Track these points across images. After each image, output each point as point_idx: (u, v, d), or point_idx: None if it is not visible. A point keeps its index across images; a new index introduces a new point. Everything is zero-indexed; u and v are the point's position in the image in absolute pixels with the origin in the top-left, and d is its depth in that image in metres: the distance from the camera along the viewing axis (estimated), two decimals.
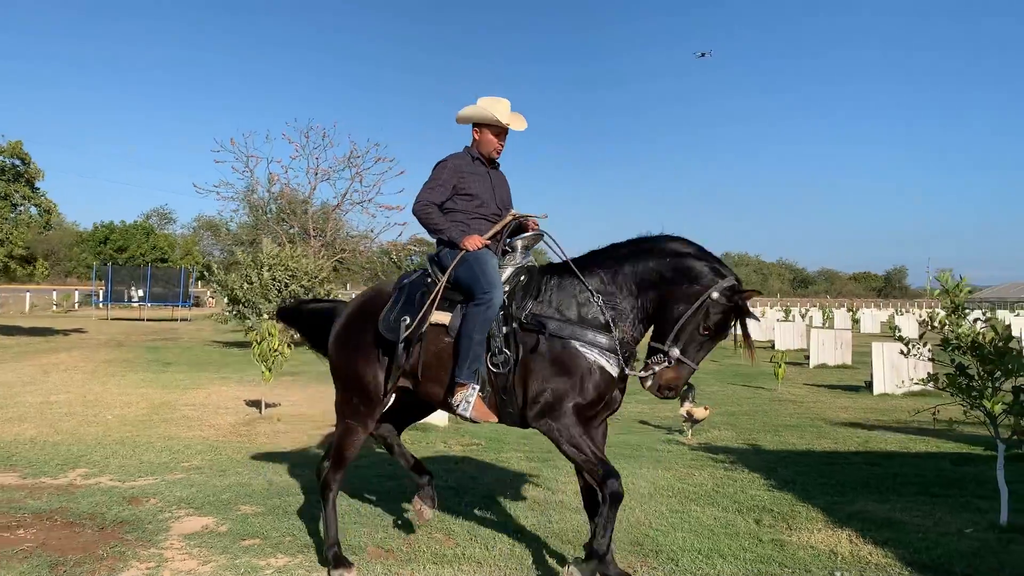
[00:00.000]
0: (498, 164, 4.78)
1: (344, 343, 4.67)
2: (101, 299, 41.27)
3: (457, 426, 9.05)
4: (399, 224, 31.97)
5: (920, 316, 43.26)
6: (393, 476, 6.66)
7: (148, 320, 35.07)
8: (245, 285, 19.28)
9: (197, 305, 46.38)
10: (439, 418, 9.15)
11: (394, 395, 4.81)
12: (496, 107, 4.56)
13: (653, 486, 6.49)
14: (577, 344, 4.07)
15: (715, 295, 4.00)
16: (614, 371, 4.10)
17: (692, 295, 4.03)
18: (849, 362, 18.14)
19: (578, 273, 4.28)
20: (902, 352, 6.13)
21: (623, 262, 4.26)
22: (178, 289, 40.05)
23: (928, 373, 5.68)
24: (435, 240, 4.63)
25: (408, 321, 4.30)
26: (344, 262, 30.36)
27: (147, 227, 70.02)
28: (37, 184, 22.25)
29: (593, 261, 4.35)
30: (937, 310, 5.74)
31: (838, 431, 9.45)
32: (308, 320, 5.36)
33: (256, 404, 10.73)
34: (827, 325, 37.72)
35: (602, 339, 4.09)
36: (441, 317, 4.32)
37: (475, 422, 4.23)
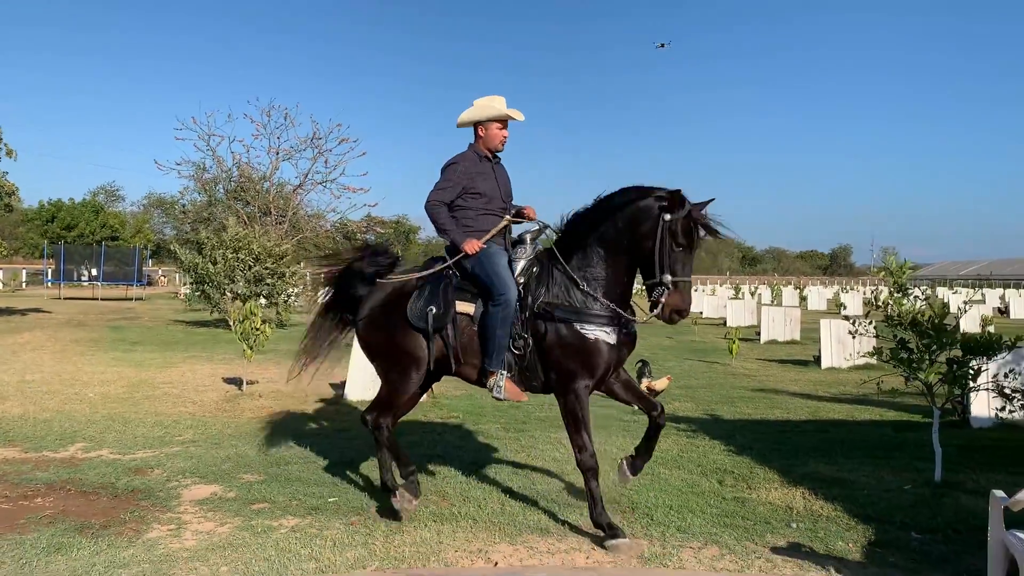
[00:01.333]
0: (499, 158, 5.23)
1: (379, 323, 5.09)
2: (51, 278, 40.66)
3: (434, 400, 9.50)
4: (369, 205, 32.14)
5: (865, 294, 44.77)
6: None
7: (102, 299, 34.70)
8: (210, 266, 19.39)
9: (150, 284, 45.89)
10: None
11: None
12: (495, 103, 5.03)
13: (624, 453, 7.01)
14: (579, 326, 4.63)
15: (667, 218, 4.56)
16: (613, 339, 4.71)
17: (651, 230, 4.60)
18: (798, 338, 18.96)
19: (563, 263, 4.86)
20: (850, 332, 6.70)
21: (588, 234, 4.84)
22: (131, 268, 39.67)
23: (873, 347, 6.26)
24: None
25: (435, 311, 4.78)
26: (303, 242, 30.52)
27: (96, 205, 68.75)
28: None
29: (571, 241, 4.91)
30: (881, 287, 6.32)
31: (789, 401, 10.11)
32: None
33: (234, 381, 11.04)
34: (775, 303, 38.85)
35: (598, 316, 4.67)
36: (466, 307, 4.82)
37: (501, 400, 4.78)
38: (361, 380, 9.60)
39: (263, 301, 19.43)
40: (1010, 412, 5.92)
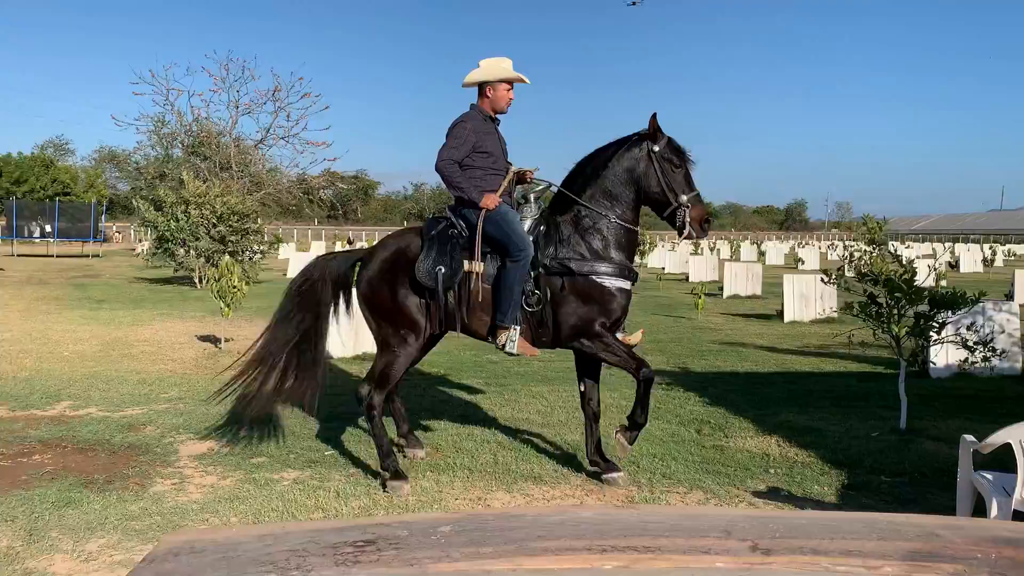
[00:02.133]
0: (499, 120, 5.33)
1: (382, 284, 5.10)
2: (2, 235, 39.72)
3: None
4: (329, 160, 31.85)
5: (821, 248, 45.43)
6: None
7: (58, 256, 34.09)
8: (172, 224, 19.18)
9: (106, 241, 45.06)
10: None
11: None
12: (504, 64, 5.13)
13: (604, 405, 7.22)
14: (595, 277, 4.84)
15: (656, 149, 5.00)
16: (628, 285, 5.02)
17: (647, 167, 5.02)
18: (759, 292, 19.40)
19: (571, 220, 5.08)
20: (823, 280, 6.96)
21: (590, 191, 5.08)
22: (85, 224, 38.90)
23: (846, 303, 6.54)
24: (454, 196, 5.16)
25: (444, 271, 4.87)
26: (264, 199, 30.21)
27: (46, 159, 66.97)
28: None
29: (574, 200, 5.11)
30: (858, 244, 6.58)
31: (757, 354, 10.47)
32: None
33: (209, 339, 11.09)
34: (734, 258, 39.52)
35: (613, 264, 4.94)
36: (475, 266, 4.94)
37: (519, 355, 4.96)
38: (338, 336, 9.71)
39: (227, 259, 19.32)
40: (971, 363, 6.25)
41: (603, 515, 2.35)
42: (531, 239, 4.99)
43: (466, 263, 4.96)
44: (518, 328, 4.93)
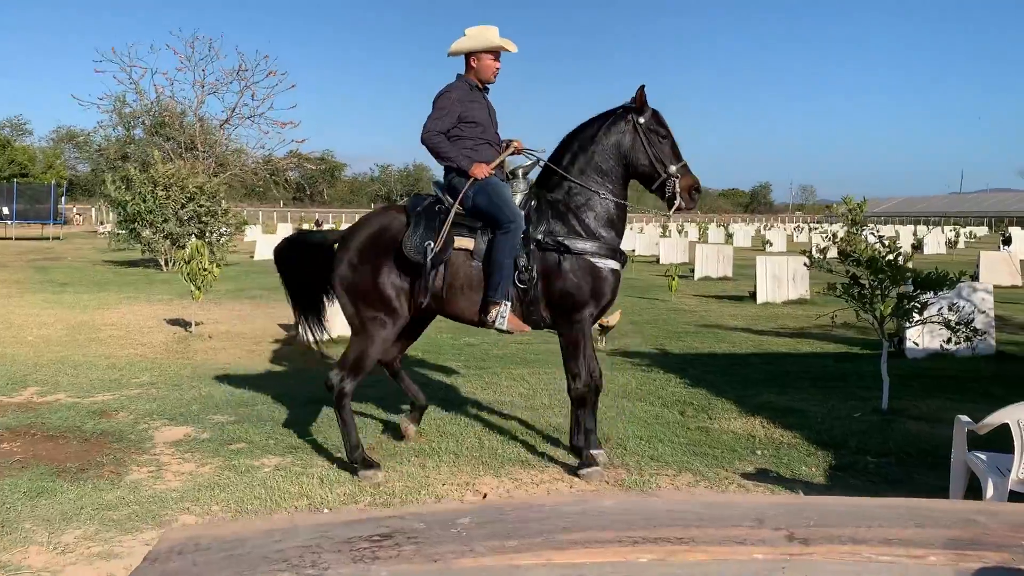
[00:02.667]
0: (488, 89, 5.19)
1: (363, 262, 4.88)
2: None
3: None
4: (297, 141, 31.33)
5: (787, 230, 45.84)
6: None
7: (17, 239, 33.28)
8: (141, 204, 18.78)
9: (66, 223, 44.12)
10: None
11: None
12: (488, 34, 4.99)
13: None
14: (588, 257, 4.74)
15: (642, 121, 4.95)
16: (619, 265, 4.93)
17: (634, 140, 4.97)
18: (730, 274, 19.49)
19: (562, 196, 5.00)
20: (805, 264, 6.94)
21: (579, 167, 5.01)
22: (44, 206, 38.05)
23: (829, 284, 6.52)
24: (443, 167, 5.03)
25: (432, 245, 4.72)
26: (231, 179, 29.73)
27: (2, 139, 65.29)
28: None
29: (563, 176, 5.02)
30: (833, 228, 6.55)
31: (733, 336, 10.48)
32: (308, 251, 5.48)
33: (179, 323, 10.86)
34: (703, 240, 39.73)
35: (606, 245, 4.85)
36: (464, 242, 4.80)
37: (510, 332, 4.83)
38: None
39: (194, 240, 18.98)
40: (956, 344, 6.27)
41: (625, 504, 2.27)
42: (523, 214, 4.88)
43: (456, 239, 4.83)
44: (508, 304, 4.82)
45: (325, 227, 36.06)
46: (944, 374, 7.91)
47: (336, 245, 5.17)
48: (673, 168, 4.93)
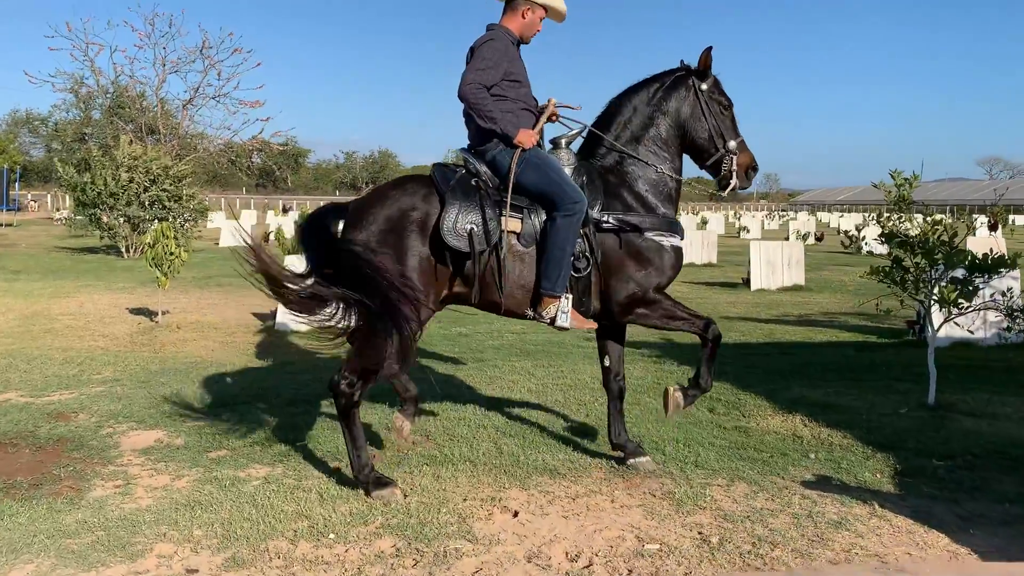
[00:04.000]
0: None
1: (387, 247, 4.03)
2: None
3: None
4: (262, 120, 30.21)
5: (757, 217, 45.69)
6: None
7: None
8: (100, 186, 17.76)
9: (20, 210, 42.50)
10: None
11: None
12: None
13: (598, 380, 6.49)
14: (653, 235, 4.14)
15: (704, 88, 4.41)
16: (681, 242, 4.36)
17: (695, 108, 4.40)
18: (715, 260, 19.00)
19: (617, 169, 4.38)
20: (843, 243, 6.34)
21: (633, 137, 4.40)
22: None
23: (871, 267, 5.92)
24: (478, 131, 4.25)
25: (477, 229, 4.00)
26: (194, 163, 28.64)
27: None
28: None
29: (614, 146, 4.41)
30: (883, 212, 5.97)
31: (739, 325, 9.90)
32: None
33: (143, 312, 10.04)
34: None
35: (668, 220, 4.27)
36: (512, 224, 4.10)
37: (565, 329, 4.16)
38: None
39: (161, 223, 18.04)
40: (1019, 331, 5.73)
41: None
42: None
43: (505, 220, 4.10)
44: (570, 297, 4.15)
45: (290, 214, 35.02)
46: (974, 364, 7.40)
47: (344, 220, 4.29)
48: (732, 144, 4.41)
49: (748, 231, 32.81)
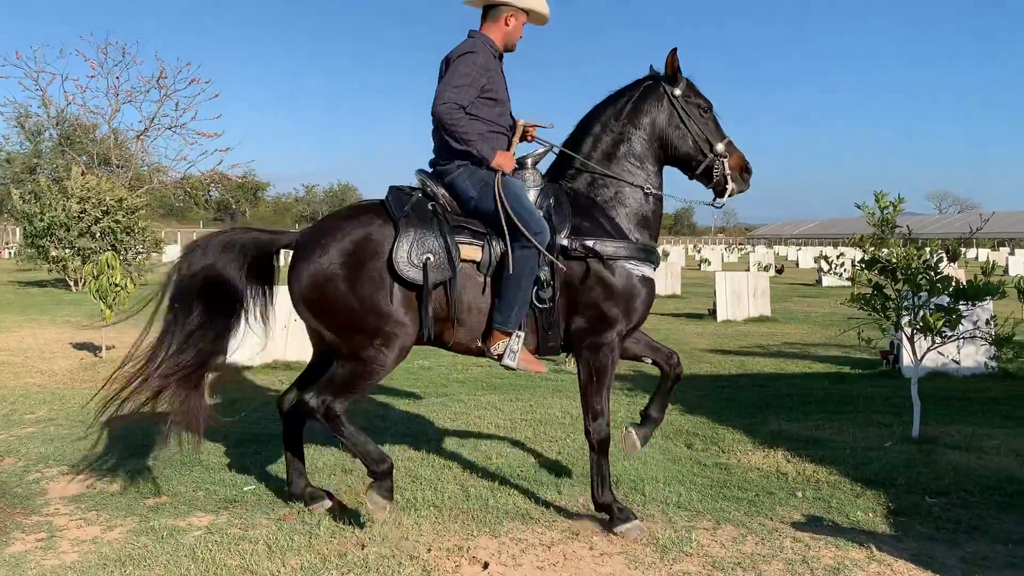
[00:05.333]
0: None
1: (343, 282, 3.68)
2: None
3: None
4: (221, 150, 29.63)
5: (715, 250, 46.04)
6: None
7: None
8: (48, 217, 17.14)
9: None
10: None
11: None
12: None
13: (569, 416, 6.26)
14: (623, 263, 3.82)
15: (677, 93, 4.08)
16: (652, 272, 4.01)
17: (670, 116, 4.08)
18: (679, 292, 18.86)
19: (587, 190, 4.07)
20: (821, 269, 6.13)
21: (607, 148, 4.09)
22: None
23: (852, 295, 5.71)
24: (443, 149, 3.91)
25: (434, 259, 3.64)
26: (148, 194, 27.98)
27: None
28: None
29: (585, 165, 4.09)
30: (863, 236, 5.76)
31: (710, 357, 9.65)
32: (249, 251, 3.97)
33: (87, 347, 9.52)
34: None
35: (640, 249, 3.93)
36: (471, 252, 3.76)
37: (511, 369, 3.80)
38: (250, 339, 8.35)
39: (108, 253, 17.45)
40: (1006, 360, 5.53)
41: None
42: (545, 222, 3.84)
43: (462, 247, 3.75)
44: (521, 335, 3.79)
45: None
46: (953, 395, 7.20)
47: (293, 253, 3.90)
48: (720, 146, 4.06)
49: (709, 263, 32.89)
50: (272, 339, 8.32)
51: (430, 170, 4.03)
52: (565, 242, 3.83)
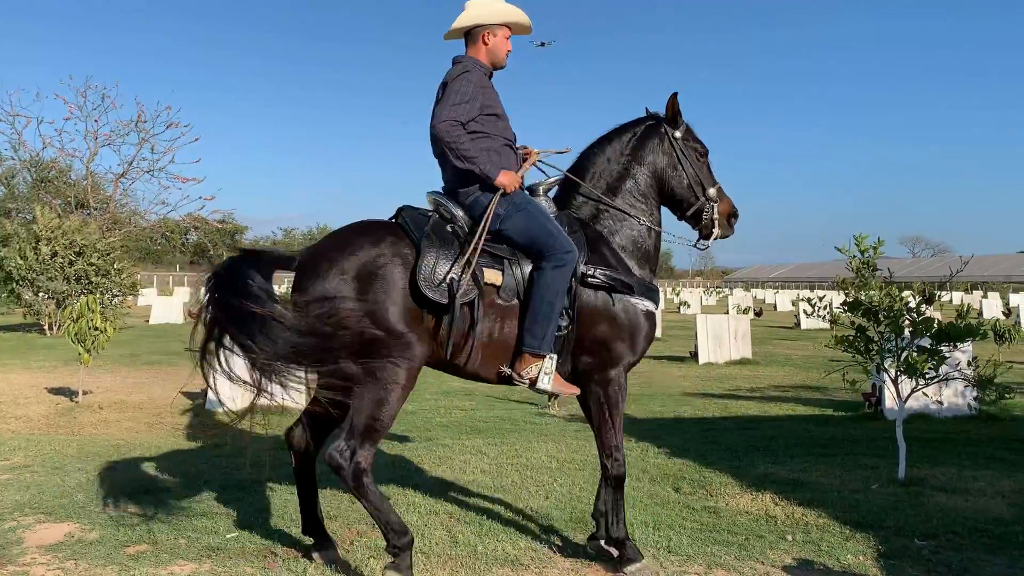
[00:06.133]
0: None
1: (356, 300, 3.53)
2: None
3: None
4: (205, 198, 29.47)
5: (694, 292, 46.35)
6: (275, 464, 5.93)
7: None
8: (18, 260, 16.96)
9: None
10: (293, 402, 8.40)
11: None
12: (501, 4, 4.03)
13: (556, 460, 6.22)
14: (630, 297, 3.82)
15: (677, 135, 4.18)
16: (655, 307, 4.03)
17: (670, 158, 4.17)
18: (660, 335, 18.90)
19: (595, 223, 4.10)
20: (805, 312, 6.18)
21: (610, 183, 4.15)
22: None
23: (835, 337, 5.75)
24: (455, 171, 3.86)
25: (456, 279, 3.56)
26: (125, 240, 27.79)
27: None
28: None
29: (593, 198, 4.15)
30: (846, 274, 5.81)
31: (693, 399, 9.66)
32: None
33: (63, 392, 9.37)
34: None
35: (645, 283, 3.97)
36: (493, 276, 3.73)
37: (552, 395, 3.78)
38: (226, 387, 8.24)
39: (87, 296, 17.23)
40: (990, 401, 5.57)
41: None
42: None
43: (486, 271, 3.72)
44: (555, 357, 3.74)
45: None
46: (935, 437, 7.22)
47: (295, 271, 3.77)
48: (712, 191, 4.17)
49: (689, 306, 33.08)
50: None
51: (445, 192, 4.00)
52: (585, 270, 3.82)
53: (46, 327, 17.46)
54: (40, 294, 17.28)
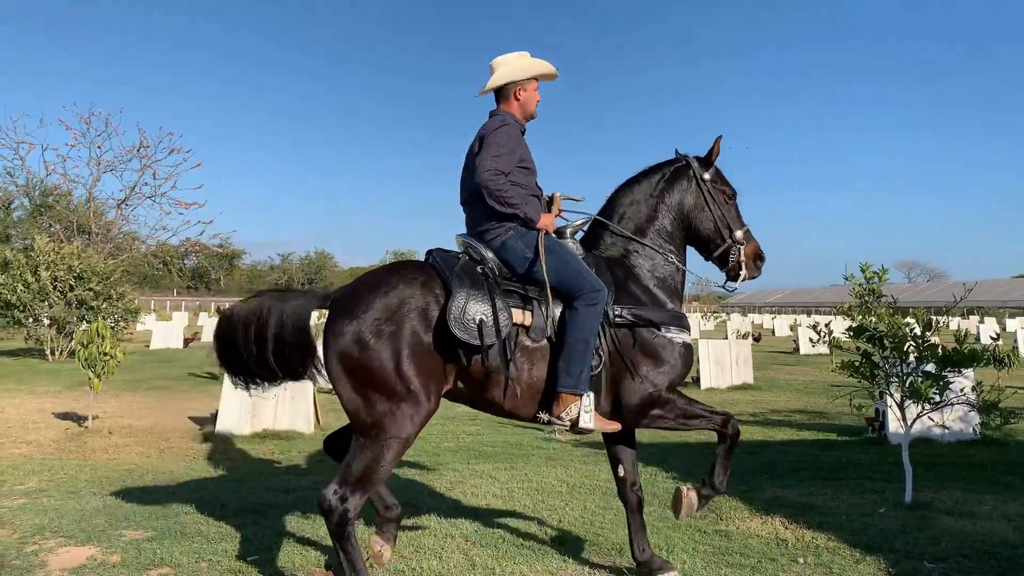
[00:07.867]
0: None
1: (385, 339, 3.58)
2: None
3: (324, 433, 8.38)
4: (204, 222, 29.61)
5: (690, 318, 46.47)
6: (289, 489, 6.00)
7: None
8: (19, 288, 17.02)
9: None
10: (304, 426, 8.48)
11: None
12: (527, 60, 4.16)
13: (566, 484, 6.29)
14: (664, 331, 3.92)
15: (707, 177, 4.31)
16: (689, 337, 4.13)
17: (697, 199, 4.31)
18: None
19: (626, 262, 4.21)
20: (811, 340, 6.28)
21: (640, 223, 4.27)
22: None
23: (842, 362, 5.85)
24: (488, 214, 3.95)
25: (488, 320, 3.63)
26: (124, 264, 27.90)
27: None
28: None
29: (621, 237, 4.27)
30: (852, 300, 5.91)
31: None
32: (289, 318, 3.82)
33: (71, 417, 9.41)
34: None
35: (679, 316, 4.05)
36: (522, 317, 3.80)
37: (588, 432, 3.85)
38: (236, 411, 8.34)
39: (85, 326, 17.28)
40: (996, 427, 5.66)
41: None
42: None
43: (515, 312, 3.80)
44: (591, 395, 3.81)
45: None
46: (939, 461, 7.30)
47: (328, 310, 3.84)
48: (739, 233, 4.28)
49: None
50: (262, 408, 8.32)
51: (473, 236, 4.06)
52: (610, 309, 3.91)
53: (47, 352, 17.50)
54: (42, 318, 17.32)
